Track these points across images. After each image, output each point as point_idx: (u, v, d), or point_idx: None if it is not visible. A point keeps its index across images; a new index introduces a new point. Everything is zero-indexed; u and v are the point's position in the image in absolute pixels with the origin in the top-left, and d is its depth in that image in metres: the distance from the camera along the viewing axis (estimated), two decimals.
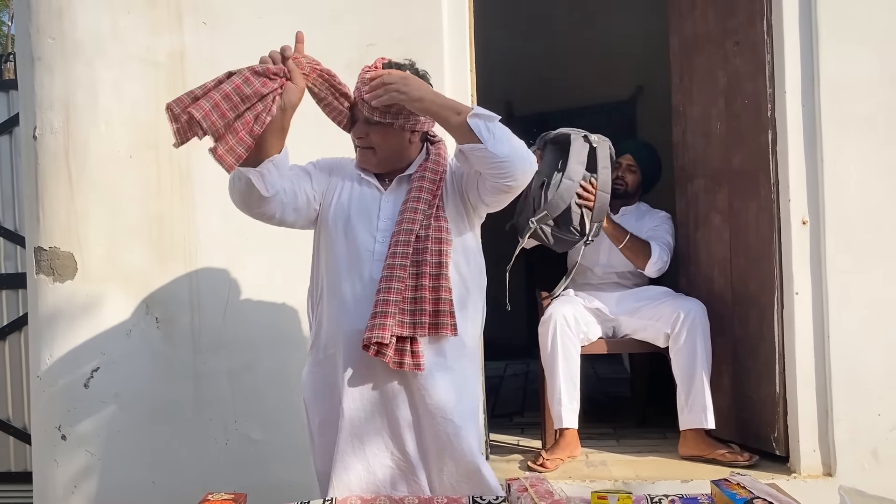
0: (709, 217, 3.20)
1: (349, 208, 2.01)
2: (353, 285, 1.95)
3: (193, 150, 2.90)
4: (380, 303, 1.88)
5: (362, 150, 2.02)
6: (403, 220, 1.93)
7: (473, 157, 1.86)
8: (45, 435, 2.93)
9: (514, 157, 1.84)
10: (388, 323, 1.86)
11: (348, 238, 1.98)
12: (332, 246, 2.00)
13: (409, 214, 1.93)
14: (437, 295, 1.92)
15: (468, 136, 1.83)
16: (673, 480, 2.79)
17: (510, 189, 1.90)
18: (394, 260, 1.90)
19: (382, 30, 2.86)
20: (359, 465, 1.96)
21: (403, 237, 1.91)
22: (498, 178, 1.86)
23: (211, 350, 2.90)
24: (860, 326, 2.78)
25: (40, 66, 2.92)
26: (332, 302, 1.99)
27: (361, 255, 1.96)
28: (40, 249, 2.92)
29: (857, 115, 2.77)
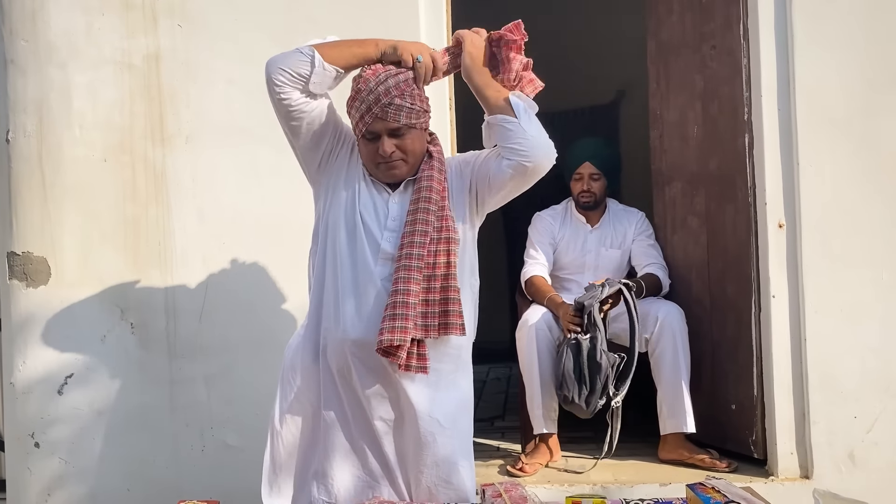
0: (686, 220, 3.21)
1: (357, 201, 1.95)
2: (353, 279, 1.92)
3: (169, 152, 2.90)
4: (399, 304, 1.84)
5: (392, 164, 1.93)
6: (417, 221, 1.89)
7: (501, 130, 1.89)
8: (19, 442, 2.89)
9: (541, 140, 1.90)
10: (408, 326, 1.84)
11: (355, 232, 1.93)
12: (337, 239, 1.95)
13: (422, 215, 1.90)
14: (447, 295, 1.91)
15: (503, 109, 1.89)
16: (651, 484, 2.79)
17: (526, 170, 1.89)
18: (409, 261, 1.86)
19: (358, 30, 2.80)
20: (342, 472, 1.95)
21: (419, 238, 1.88)
22: (517, 154, 1.87)
23: (187, 355, 2.88)
24: (836, 329, 2.79)
25: (13, 68, 2.88)
26: (331, 297, 1.95)
27: (365, 251, 1.92)
28: (13, 254, 2.88)
29: (833, 118, 2.79)
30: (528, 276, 3.28)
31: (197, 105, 2.88)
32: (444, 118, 2.91)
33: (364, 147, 1.94)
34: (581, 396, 2.81)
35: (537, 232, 3.38)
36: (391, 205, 1.96)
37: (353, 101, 1.92)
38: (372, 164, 1.95)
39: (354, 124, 1.94)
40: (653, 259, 3.26)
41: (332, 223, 1.97)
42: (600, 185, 3.34)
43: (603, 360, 2.80)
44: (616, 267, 3.33)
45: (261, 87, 2.83)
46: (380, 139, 1.90)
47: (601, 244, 3.35)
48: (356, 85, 1.92)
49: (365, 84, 1.89)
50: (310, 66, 1.88)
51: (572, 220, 3.41)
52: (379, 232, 1.94)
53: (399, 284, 1.86)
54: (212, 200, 2.87)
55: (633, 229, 3.35)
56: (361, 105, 1.88)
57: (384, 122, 1.88)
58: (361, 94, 1.89)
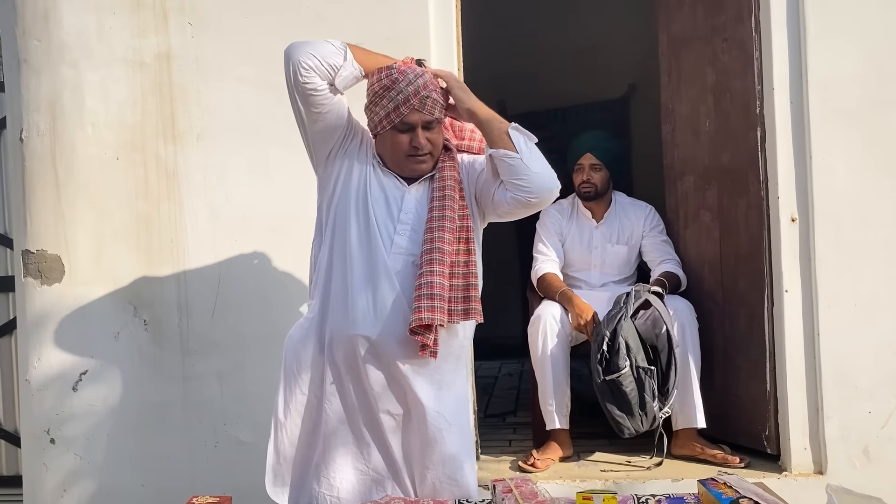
0: (698, 215, 3.19)
1: (369, 194, 1.96)
2: (364, 272, 1.92)
3: (180, 150, 2.92)
4: (429, 285, 1.87)
5: (422, 158, 1.96)
6: (445, 207, 1.93)
7: (504, 165, 1.90)
8: (35, 439, 2.92)
9: (544, 175, 1.92)
10: (443, 307, 1.87)
11: (367, 225, 1.94)
12: (347, 231, 1.95)
13: (449, 202, 1.94)
14: (468, 281, 1.95)
15: (505, 144, 1.89)
16: (663, 480, 2.79)
17: (530, 204, 1.93)
18: (434, 255, 1.89)
19: (369, 29, 2.84)
20: (344, 466, 1.96)
21: (445, 233, 1.91)
22: (522, 191, 1.90)
23: (199, 352, 2.89)
24: (850, 323, 2.77)
25: (26, 68, 2.91)
26: (340, 290, 1.95)
27: (378, 244, 1.93)
28: (27, 252, 2.91)
29: (845, 111, 2.77)
30: (539, 273, 3.26)
31: (208, 103, 2.89)
32: None
33: (392, 139, 1.95)
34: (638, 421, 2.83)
35: (545, 227, 3.36)
36: (406, 198, 1.97)
37: (385, 92, 1.91)
38: (401, 156, 1.96)
39: (384, 115, 1.93)
40: (667, 255, 3.23)
41: (342, 216, 1.97)
42: (601, 177, 3.29)
43: (643, 378, 2.81)
44: (623, 263, 3.32)
45: (271, 85, 2.86)
46: (413, 131, 1.92)
47: (607, 240, 3.32)
48: (387, 78, 1.92)
49: (402, 76, 1.91)
50: (342, 59, 1.91)
51: (578, 215, 3.38)
52: (392, 225, 1.94)
53: (426, 266, 1.88)
54: (223, 197, 2.89)
55: (641, 224, 3.31)
56: (398, 95, 1.89)
57: (420, 114, 1.91)
58: (399, 85, 1.90)
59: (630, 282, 3.31)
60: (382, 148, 1.99)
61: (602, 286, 3.29)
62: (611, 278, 3.31)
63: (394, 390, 1.96)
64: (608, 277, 3.31)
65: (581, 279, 3.31)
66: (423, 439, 1.96)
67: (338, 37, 2.79)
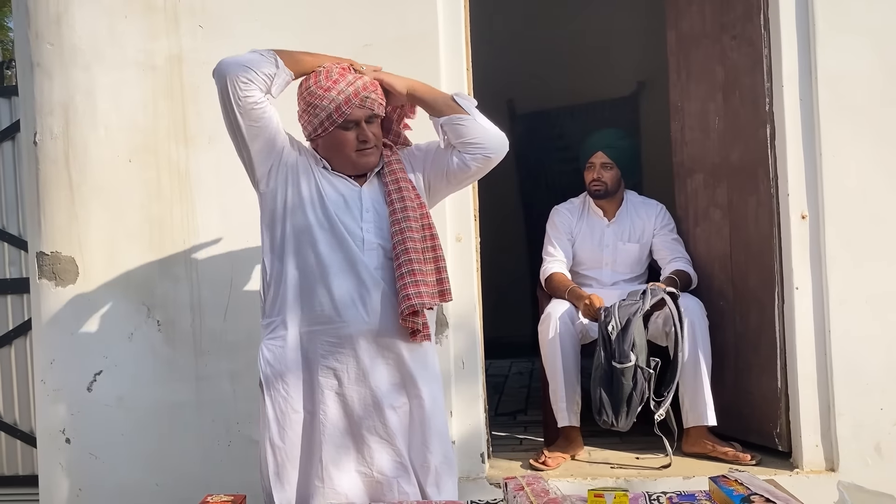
0: (708, 212, 3.19)
1: (325, 199, 2.01)
2: (345, 274, 1.98)
3: (192, 152, 2.94)
4: (414, 272, 1.95)
5: (369, 151, 2.03)
6: (404, 199, 2.01)
7: (457, 129, 2.01)
8: (50, 439, 2.95)
9: (496, 130, 2.06)
10: (428, 290, 1.96)
11: (332, 228, 1.99)
12: (311, 236, 2.00)
13: (406, 193, 2.02)
14: (437, 264, 2.04)
15: (454, 109, 2.00)
16: (675, 477, 2.79)
17: (489, 160, 2.05)
18: (405, 235, 1.97)
19: (378, 30, 2.86)
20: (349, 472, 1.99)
21: (411, 213, 2.00)
22: (478, 149, 2.02)
23: (212, 352, 2.92)
24: (861, 321, 2.77)
25: (39, 71, 2.93)
26: (317, 290, 1.99)
27: (350, 244, 1.99)
28: (42, 254, 2.94)
29: (856, 108, 2.76)
30: (547, 273, 3.27)
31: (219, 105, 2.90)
32: None
33: (338, 137, 2.01)
34: (619, 418, 2.84)
35: (554, 227, 3.36)
36: (363, 196, 2.03)
37: (325, 94, 1.98)
38: (349, 153, 2.02)
39: (325, 117, 1.99)
40: (678, 254, 3.22)
41: (301, 226, 2.01)
42: (612, 175, 3.27)
43: (638, 378, 2.81)
44: (634, 261, 3.31)
45: None
46: (358, 126, 2.00)
47: (618, 238, 3.30)
48: (327, 80, 1.99)
49: (343, 77, 2.00)
50: (275, 67, 1.98)
51: (589, 213, 3.37)
52: (357, 224, 2.00)
53: (404, 259, 1.96)
54: (235, 199, 2.89)
55: (652, 222, 3.30)
56: (339, 96, 1.97)
57: (362, 111, 2.00)
58: (339, 86, 1.98)
59: (641, 280, 3.31)
60: (327, 149, 2.05)
61: (613, 284, 3.28)
62: (622, 276, 3.31)
63: (396, 382, 2.01)
64: (619, 276, 3.31)
65: (592, 277, 3.31)
66: (423, 424, 2.01)
67: (347, 40, 2.85)
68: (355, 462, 1.99)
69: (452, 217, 2.85)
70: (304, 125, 2.07)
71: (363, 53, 2.82)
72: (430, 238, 2.04)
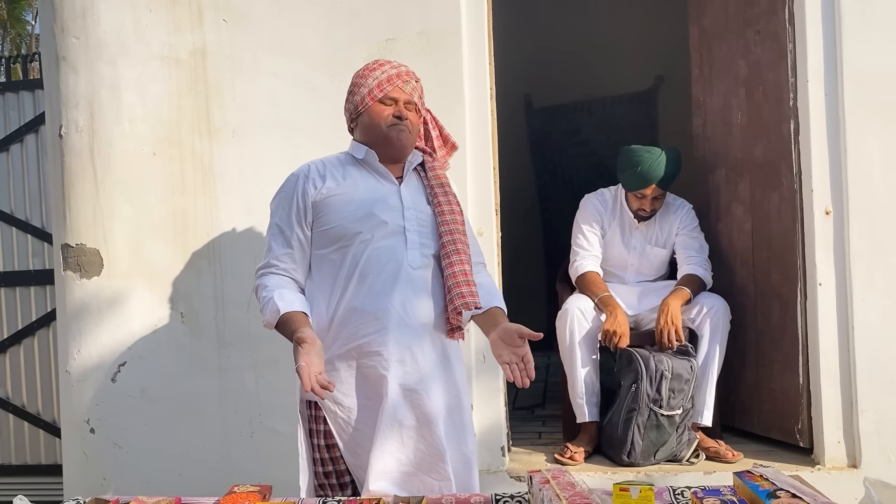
0: (730, 208, 3.18)
1: (372, 206, 1.98)
2: (391, 275, 1.96)
3: (216, 146, 2.96)
4: (466, 272, 1.97)
5: (402, 127, 2.02)
6: (451, 203, 2.04)
7: None
8: (75, 429, 2.99)
9: None
10: (475, 290, 1.97)
11: (377, 231, 1.96)
12: (357, 242, 1.97)
13: (451, 197, 2.05)
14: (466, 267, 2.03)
15: None
16: (696, 472, 2.79)
17: None
18: (455, 236, 2.00)
19: (401, 24, 2.87)
20: (395, 449, 1.97)
21: (458, 216, 2.03)
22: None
23: (235, 344, 2.94)
24: (885, 317, 2.75)
25: (65, 65, 2.96)
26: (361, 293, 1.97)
27: (395, 246, 1.97)
28: (67, 246, 2.97)
29: (882, 103, 2.74)
30: (581, 270, 3.16)
31: (242, 99, 2.93)
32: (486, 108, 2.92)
33: (375, 110, 2.02)
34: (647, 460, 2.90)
35: (586, 218, 3.25)
36: (404, 193, 2.03)
37: (369, 73, 2.04)
38: (382, 127, 2.02)
39: (367, 92, 2.02)
40: (693, 252, 3.14)
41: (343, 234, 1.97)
42: (660, 203, 3.16)
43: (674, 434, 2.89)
44: (660, 265, 3.27)
45: (305, 81, 2.91)
46: (396, 104, 2.03)
47: (646, 241, 3.23)
48: (367, 70, 2.06)
49: (387, 62, 2.06)
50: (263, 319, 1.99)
51: (621, 211, 3.25)
52: (401, 222, 1.99)
53: (455, 260, 1.97)
54: (258, 192, 2.91)
55: (677, 224, 3.21)
56: (381, 75, 2.02)
57: (402, 93, 2.03)
58: (383, 68, 2.04)
59: (663, 279, 3.27)
60: (364, 129, 2.05)
61: (637, 283, 3.27)
62: (646, 278, 3.28)
63: (443, 375, 2.01)
64: (643, 277, 3.28)
65: (616, 275, 3.28)
66: (459, 415, 2.03)
67: (369, 33, 2.87)
68: (404, 440, 1.99)
69: (474, 212, 2.86)
70: (346, 113, 2.11)
71: (386, 48, 2.85)
72: (462, 241, 2.04)
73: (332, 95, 2.89)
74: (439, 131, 2.19)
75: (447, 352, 2.04)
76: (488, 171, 2.91)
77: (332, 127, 2.87)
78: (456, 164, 2.51)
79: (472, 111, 2.89)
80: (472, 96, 2.89)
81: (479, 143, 2.90)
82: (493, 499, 1.83)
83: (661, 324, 2.96)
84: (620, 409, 2.94)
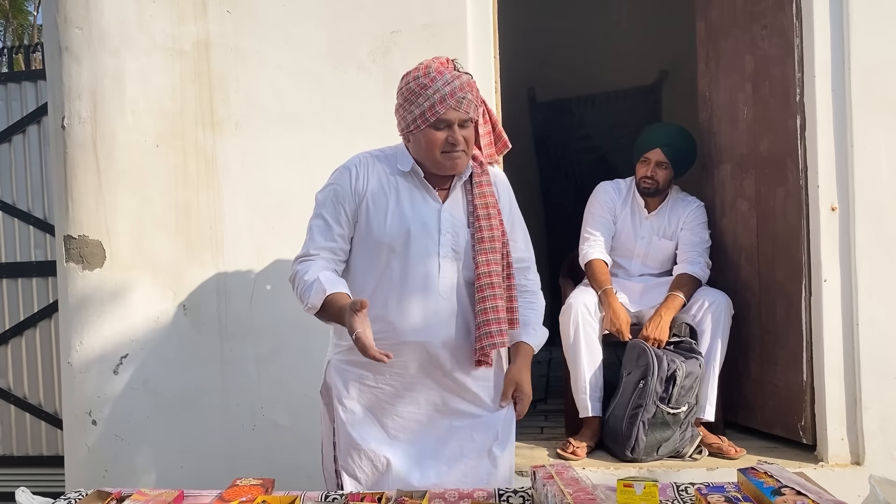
0: (735, 203, 3.16)
1: (409, 223, 1.95)
2: (416, 297, 1.95)
3: (219, 138, 2.95)
4: (497, 308, 1.94)
5: (457, 154, 1.93)
6: (492, 227, 1.98)
7: None
8: (76, 420, 2.99)
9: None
10: (503, 328, 1.96)
11: (411, 251, 1.94)
12: (391, 258, 1.95)
13: (494, 222, 1.99)
14: (510, 293, 2.01)
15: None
16: (698, 469, 2.79)
17: None
18: (490, 268, 1.95)
19: (406, 17, 2.85)
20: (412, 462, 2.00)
21: (497, 245, 1.98)
22: None
23: (238, 337, 2.93)
24: (890, 314, 2.74)
25: (68, 56, 2.95)
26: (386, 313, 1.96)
27: (428, 272, 1.95)
28: (69, 238, 2.96)
29: (889, 99, 2.72)
30: (588, 258, 3.19)
31: (246, 91, 2.92)
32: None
33: (427, 136, 1.92)
34: (650, 456, 2.90)
35: (599, 205, 3.27)
36: (443, 216, 1.97)
37: (422, 90, 1.90)
38: (435, 153, 1.93)
39: (419, 114, 1.91)
40: (691, 248, 3.15)
41: (377, 243, 1.96)
42: (665, 175, 3.17)
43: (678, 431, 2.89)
44: (665, 258, 3.26)
45: (308, 73, 2.89)
46: (450, 128, 1.91)
47: (654, 233, 3.23)
48: (425, 77, 1.91)
49: (440, 76, 1.90)
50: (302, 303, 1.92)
51: (633, 201, 3.27)
52: (435, 250, 1.95)
53: (488, 295, 1.95)
54: (261, 185, 2.91)
55: (685, 217, 3.20)
56: (434, 94, 1.88)
57: (457, 113, 1.90)
58: (436, 84, 1.89)
59: (667, 275, 3.25)
60: (416, 147, 1.97)
61: (640, 276, 3.27)
62: (650, 271, 3.28)
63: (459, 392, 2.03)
64: (648, 269, 3.28)
65: (621, 266, 3.28)
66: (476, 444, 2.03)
67: (374, 26, 2.85)
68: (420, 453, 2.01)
69: None
70: (399, 120, 1.99)
71: (391, 40, 2.83)
72: (507, 266, 2.01)
73: (336, 88, 2.88)
74: (492, 126, 2.10)
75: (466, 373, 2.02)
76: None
77: (336, 119, 2.87)
78: None
79: None
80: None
81: None
82: (497, 494, 1.82)
83: (647, 332, 2.99)
84: (625, 403, 2.93)
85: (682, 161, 3.20)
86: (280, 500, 1.72)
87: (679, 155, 3.18)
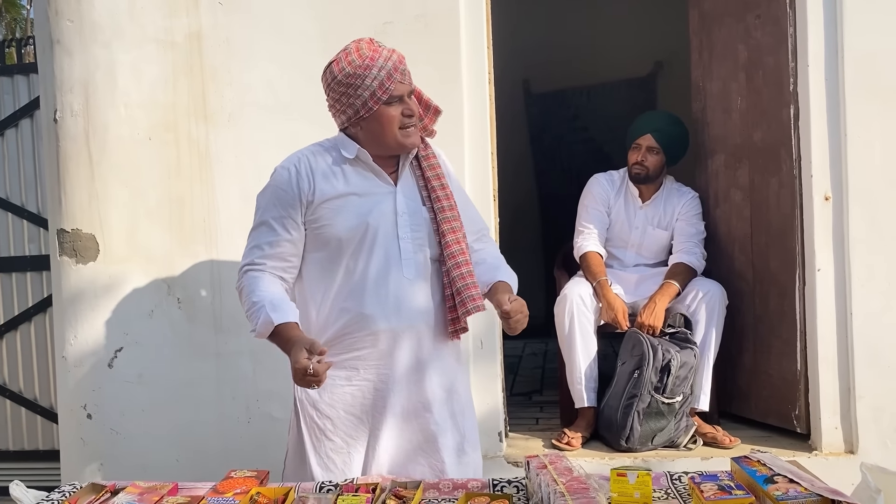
0: (729, 194, 3.17)
1: (366, 213, 1.91)
2: (385, 287, 1.92)
3: (212, 130, 2.94)
4: (471, 273, 1.94)
5: (411, 130, 1.92)
6: (450, 197, 1.97)
7: None
8: (72, 414, 2.99)
9: None
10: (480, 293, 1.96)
11: (370, 239, 1.91)
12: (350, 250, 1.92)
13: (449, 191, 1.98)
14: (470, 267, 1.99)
15: None
16: (692, 458, 2.80)
17: None
18: (460, 245, 1.95)
19: (399, 7, 2.84)
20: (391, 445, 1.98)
21: (458, 223, 1.97)
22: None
23: (232, 330, 2.93)
24: (883, 303, 2.75)
25: (59, 49, 2.93)
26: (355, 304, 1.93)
27: (390, 256, 1.92)
28: (62, 231, 2.95)
29: (883, 88, 2.73)
30: (583, 250, 3.20)
31: (239, 83, 2.91)
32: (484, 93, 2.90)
33: (384, 114, 1.89)
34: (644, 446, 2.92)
35: (593, 197, 3.27)
36: (399, 198, 1.95)
37: (366, 71, 1.86)
38: (395, 128, 1.90)
39: (369, 96, 1.87)
40: (686, 239, 3.16)
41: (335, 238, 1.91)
42: (656, 161, 3.18)
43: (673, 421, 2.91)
44: (660, 248, 3.27)
45: (301, 65, 2.88)
46: (402, 101, 1.91)
47: (648, 222, 3.24)
48: (361, 59, 1.87)
49: (378, 55, 1.88)
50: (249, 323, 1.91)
51: (626, 191, 3.27)
52: (395, 235, 1.93)
53: (453, 259, 1.93)
54: (254, 177, 2.87)
55: (680, 208, 3.21)
56: (381, 72, 1.86)
57: (405, 86, 1.91)
58: (377, 63, 1.87)
59: (662, 266, 3.26)
60: (369, 132, 1.92)
61: (634, 266, 3.27)
62: (645, 261, 3.28)
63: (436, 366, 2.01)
64: (643, 259, 3.28)
65: (616, 257, 3.29)
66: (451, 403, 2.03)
67: (367, 17, 2.83)
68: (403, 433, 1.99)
69: (471, 197, 2.81)
70: (342, 110, 1.93)
71: (383, 31, 2.82)
72: (463, 238, 1.99)
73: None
74: (418, 97, 2.04)
75: (448, 351, 2.03)
76: (486, 157, 2.90)
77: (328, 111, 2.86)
78: (453, 150, 2.49)
79: (470, 96, 2.87)
80: (470, 81, 2.87)
81: (478, 128, 2.88)
82: (491, 484, 1.83)
83: (642, 319, 3.00)
84: (620, 393, 2.94)
85: (673, 147, 3.20)
86: (274, 492, 1.72)
87: (670, 140, 3.18)
